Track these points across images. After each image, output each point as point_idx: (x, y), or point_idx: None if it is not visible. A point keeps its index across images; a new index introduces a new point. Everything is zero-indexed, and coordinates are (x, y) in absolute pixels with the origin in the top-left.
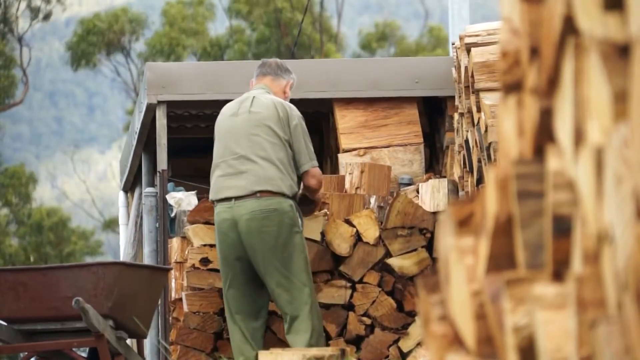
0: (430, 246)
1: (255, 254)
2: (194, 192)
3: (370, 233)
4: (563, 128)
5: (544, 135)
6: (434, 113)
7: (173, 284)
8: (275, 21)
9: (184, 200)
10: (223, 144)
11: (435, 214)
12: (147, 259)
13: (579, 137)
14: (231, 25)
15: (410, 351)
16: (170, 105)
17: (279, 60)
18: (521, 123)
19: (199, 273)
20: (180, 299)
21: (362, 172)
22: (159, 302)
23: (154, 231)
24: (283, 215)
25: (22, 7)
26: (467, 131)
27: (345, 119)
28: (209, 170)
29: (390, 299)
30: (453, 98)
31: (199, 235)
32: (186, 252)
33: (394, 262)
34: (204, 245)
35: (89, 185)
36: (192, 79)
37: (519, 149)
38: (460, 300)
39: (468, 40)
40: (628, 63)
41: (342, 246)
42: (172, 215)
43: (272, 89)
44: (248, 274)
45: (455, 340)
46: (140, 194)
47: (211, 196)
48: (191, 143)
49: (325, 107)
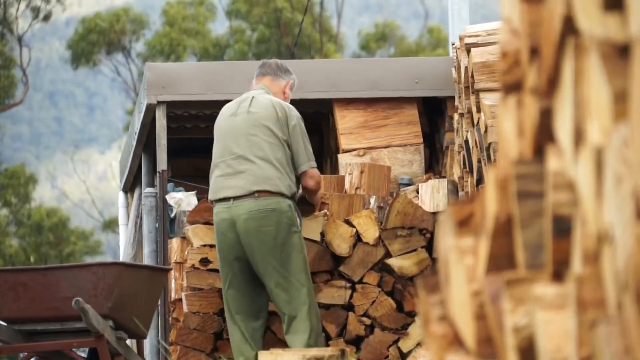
0: (430, 246)
1: (253, 254)
2: (193, 193)
3: (370, 233)
4: (563, 128)
5: (544, 135)
6: (433, 113)
7: (173, 285)
8: (275, 21)
9: (183, 200)
10: (222, 144)
11: (435, 214)
12: (147, 260)
13: (579, 138)
14: (231, 26)
15: (410, 351)
16: (170, 105)
17: (279, 61)
18: (521, 123)
19: (199, 273)
20: (180, 300)
21: (362, 173)
22: (159, 303)
23: (153, 231)
24: (281, 215)
25: (22, 7)
26: (467, 131)
27: (345, 119)
28: (208, 171)
29: (390, 299)
30: (453, 98)
31: (199, 235)
32: (186, 253)
33: (394, 263)
34: (204, 246)
35: (88, 185)
36: (192, 79)
37: (518, 149)
38: (460, 300)
39: (468, 40)
40: (628, 63)
41: (342, 246)
42: (172, 215)
43: (272, 89)
44: (247, 274)
45: (455, 341)
46: (140, 194)
47: (210, 196)
48: (191, 143)
49: (325, 108)
